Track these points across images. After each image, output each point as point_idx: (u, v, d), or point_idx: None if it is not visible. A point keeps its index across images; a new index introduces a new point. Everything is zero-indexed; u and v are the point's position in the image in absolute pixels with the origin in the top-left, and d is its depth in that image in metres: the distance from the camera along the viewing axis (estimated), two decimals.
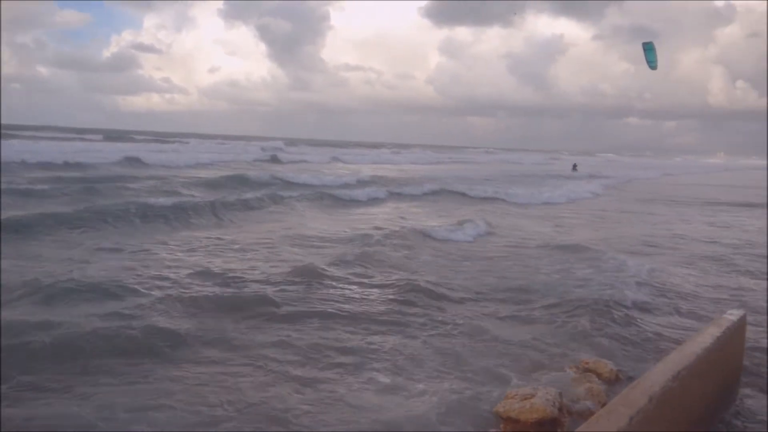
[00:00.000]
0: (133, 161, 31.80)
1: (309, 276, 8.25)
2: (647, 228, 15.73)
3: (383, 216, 16.33)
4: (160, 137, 76.43)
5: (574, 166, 48.75)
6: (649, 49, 10.26)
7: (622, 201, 24.56)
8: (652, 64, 10.17)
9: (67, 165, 26.80)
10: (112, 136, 68.48)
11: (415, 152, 79.57)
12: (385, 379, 5.09)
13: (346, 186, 23.68)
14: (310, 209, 17.08)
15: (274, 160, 45.23)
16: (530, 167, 56.93)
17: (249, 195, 17.24)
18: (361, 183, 25.37)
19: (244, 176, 24.50)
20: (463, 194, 22.56)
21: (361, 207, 18.68)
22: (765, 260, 10.88)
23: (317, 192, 19.99)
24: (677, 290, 8.57)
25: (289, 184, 23.44)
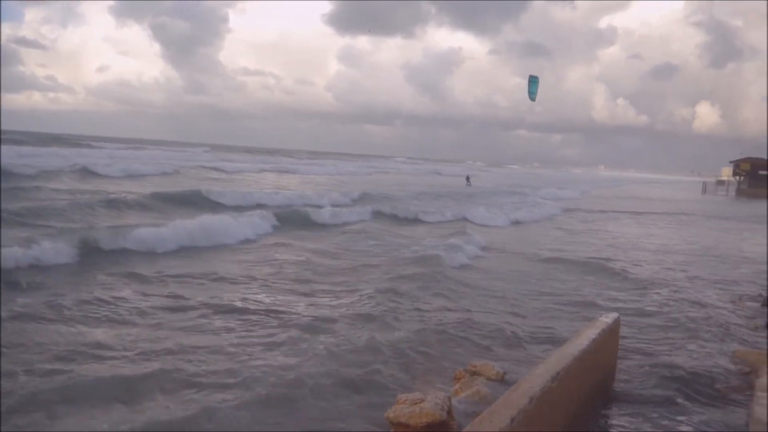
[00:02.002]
0: (83, 170, 28.31)
1: None
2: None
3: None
4: (69, 140, 70.52)
5: (468, 179, 48.77)
6: (533, 82, 11.27)
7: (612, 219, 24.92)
8: (532, 95, 11.20)
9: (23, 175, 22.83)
10: (15, 138, 61.65)
11: (343, 162, 76.52)
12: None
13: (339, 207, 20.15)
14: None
15: (218, 169, 41.16)
16: (460, 180, 55.69)
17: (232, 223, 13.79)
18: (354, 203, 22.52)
19: (199, 193, 20.62)
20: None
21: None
22: None
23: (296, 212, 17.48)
24: None
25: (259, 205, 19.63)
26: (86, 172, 28.51)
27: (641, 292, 9.89)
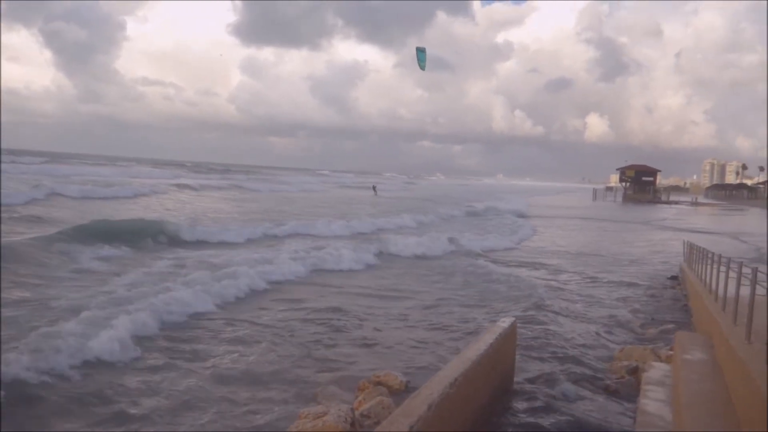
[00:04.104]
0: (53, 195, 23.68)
1: None
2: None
3: None
4: None
5: (374, 188, 48.40)
6: (421, 51, 11.84)
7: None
8: (422, 63, 11.74)
9: None
10: None
11: (291, 178, 69.08)
12: None
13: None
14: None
15: (183, 186, 37.19)
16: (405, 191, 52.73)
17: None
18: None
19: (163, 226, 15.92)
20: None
21: None
22: None
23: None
24: None
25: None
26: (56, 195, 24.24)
27: None
